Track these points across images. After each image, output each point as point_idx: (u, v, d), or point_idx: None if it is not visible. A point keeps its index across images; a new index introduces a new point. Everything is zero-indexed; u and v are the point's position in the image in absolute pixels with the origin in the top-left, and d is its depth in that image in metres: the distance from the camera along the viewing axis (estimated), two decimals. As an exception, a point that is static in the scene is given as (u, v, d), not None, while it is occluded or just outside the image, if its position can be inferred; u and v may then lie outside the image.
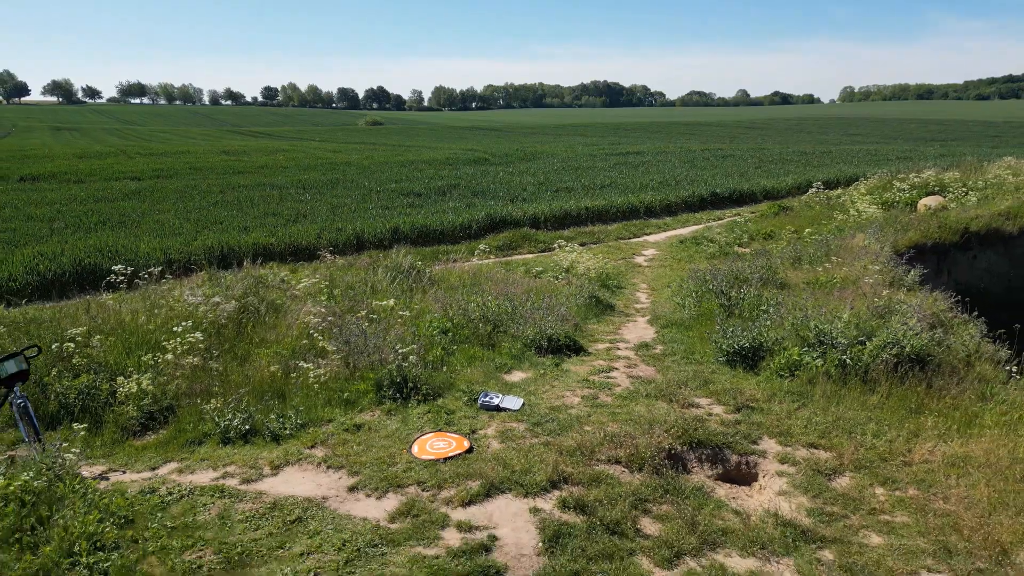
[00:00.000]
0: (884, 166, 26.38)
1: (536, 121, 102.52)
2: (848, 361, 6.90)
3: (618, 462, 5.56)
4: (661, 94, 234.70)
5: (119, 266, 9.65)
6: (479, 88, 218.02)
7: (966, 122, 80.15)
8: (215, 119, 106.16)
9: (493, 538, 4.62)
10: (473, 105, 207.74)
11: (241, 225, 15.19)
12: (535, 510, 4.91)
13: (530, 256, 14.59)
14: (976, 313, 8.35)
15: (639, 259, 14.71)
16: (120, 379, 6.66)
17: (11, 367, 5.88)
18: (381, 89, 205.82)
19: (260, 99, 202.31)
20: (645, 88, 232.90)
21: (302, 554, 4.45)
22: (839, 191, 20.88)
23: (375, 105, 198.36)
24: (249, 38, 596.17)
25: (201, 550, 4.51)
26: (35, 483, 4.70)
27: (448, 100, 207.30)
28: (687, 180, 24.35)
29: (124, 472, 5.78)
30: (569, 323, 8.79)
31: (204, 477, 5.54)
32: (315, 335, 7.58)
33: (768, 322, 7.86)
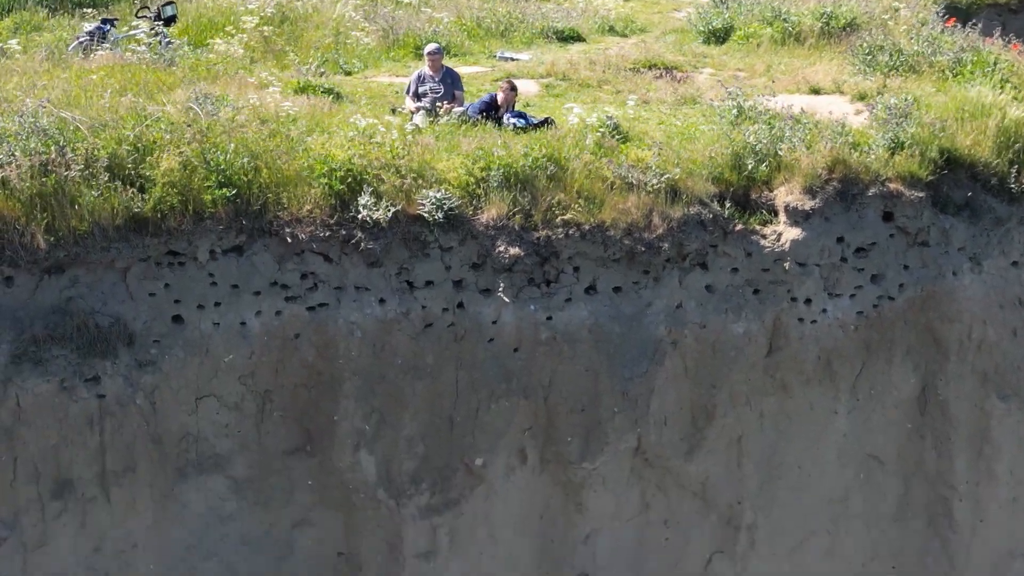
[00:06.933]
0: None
1: None
2: (791, 29, 17.57)
3: (592, 71, 16.27)
4: None
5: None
6: None
7: None
8: None
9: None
10: None
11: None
12: (538, 82, 15.71)
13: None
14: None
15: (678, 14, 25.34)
16: (220, 38, 17.53)
17: (170, 10, 16.81)
18: None
19: None
20: None
21: (395, 92, 15.30)
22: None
23: None
24: None
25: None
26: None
27: None
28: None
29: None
30: (577, 23, 19.59)
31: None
32: (356, 18, 18.42)
33: (741, 10, 18.61)
